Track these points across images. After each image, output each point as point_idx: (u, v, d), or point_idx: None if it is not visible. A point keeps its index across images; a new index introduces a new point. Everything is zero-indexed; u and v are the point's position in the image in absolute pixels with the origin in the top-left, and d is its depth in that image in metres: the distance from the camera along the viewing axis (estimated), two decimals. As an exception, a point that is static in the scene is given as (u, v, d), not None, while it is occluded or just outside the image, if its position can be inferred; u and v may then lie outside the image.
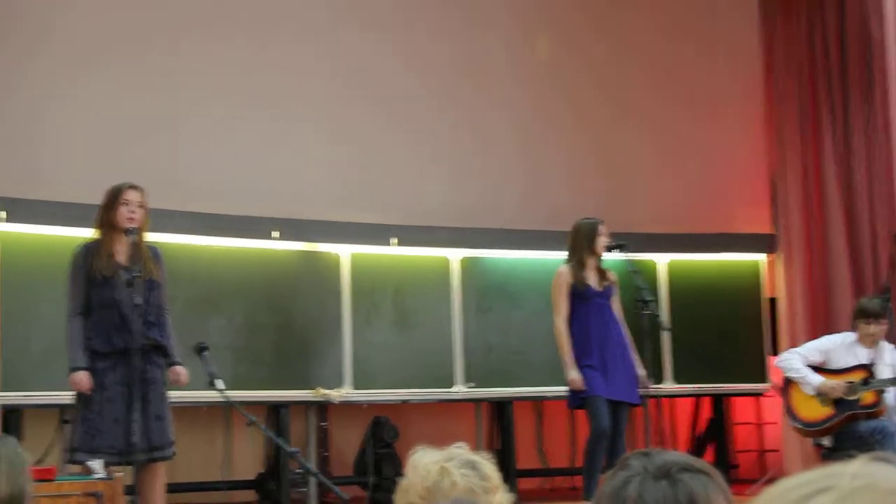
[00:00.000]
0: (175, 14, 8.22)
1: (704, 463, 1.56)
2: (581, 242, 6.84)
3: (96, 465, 5.14)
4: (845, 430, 6.84)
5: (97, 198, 5.81)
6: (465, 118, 9.08)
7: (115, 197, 5.69)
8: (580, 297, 6.76)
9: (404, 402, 8.16)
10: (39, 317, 6.93)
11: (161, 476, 5.67)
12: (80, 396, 5.55)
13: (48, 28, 7.78)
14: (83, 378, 5.50)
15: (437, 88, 9.03)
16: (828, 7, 9.17)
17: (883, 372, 6.88)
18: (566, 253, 6.91)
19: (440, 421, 8.53)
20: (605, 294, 6.82)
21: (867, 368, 6.86)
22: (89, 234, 5.80)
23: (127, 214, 5.65)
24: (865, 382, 6.83)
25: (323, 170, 8.54)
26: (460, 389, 8.23)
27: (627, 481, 1.51)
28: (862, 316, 6.96)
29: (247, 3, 8.55)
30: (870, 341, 6.91)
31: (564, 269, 6.84)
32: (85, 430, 5.50)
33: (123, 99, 7.94)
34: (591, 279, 6.81)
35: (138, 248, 5.66)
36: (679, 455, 1.55)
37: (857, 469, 1.08)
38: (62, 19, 7.84)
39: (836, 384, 6.86)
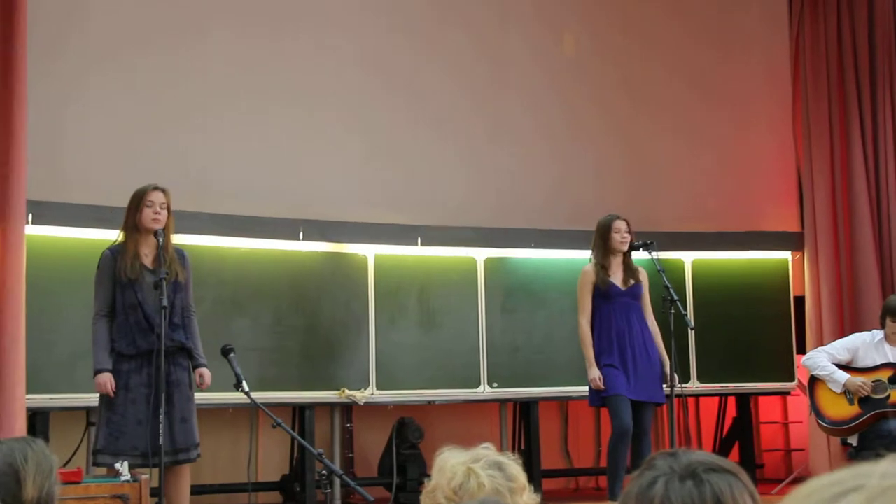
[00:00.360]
0: (202, 10, 8.23)
1: (731, 462, 1.55)
2: (598, 240, 6.84)
3: (122, 467, 5.15)
4: (872, 428, 6.80)
5: (123, 200, 5.83)
6: (491, 117, 9.07)
7: (139, 199, 5.72)
8: (603, 295, 6.74)
9: (429, 402, 8.15)
10: (65, 319, 6.96)
11: (186, 478, 5.69)
12: (104, 398, 5.58)
13: (68, 29, 7.80)
14: (107, 380, 5.53)
15: (462, 87, 9.02)
16: (857, 6, 9.12)
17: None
18: (590, 252, 6.91)
19: (465, 421, 8.52)
20: (632, 293, 6.79)
21: (895, 367, 6.82)
22: (115, 235, 5.82)
23: (152, 216, 5.68)
24: (893, 380, 6.78)
25: (348, 170, 8.54)
26: (485, 390, 8.22)
27: (654, 481, 1.50)
28: (890, 314, 6.91)
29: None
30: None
31: (588, 268, 6.83)
32: (109, 433, 5.52)
33: (147, 99, 7.95)
34: (617, 278, 6.78)
35: (164, 250, 5.68)
36: (705, 455, 1.54)
37: (886, 468, 1.07)
38: (82, 20, 7.86)
39: (863, 382, 6.82)
